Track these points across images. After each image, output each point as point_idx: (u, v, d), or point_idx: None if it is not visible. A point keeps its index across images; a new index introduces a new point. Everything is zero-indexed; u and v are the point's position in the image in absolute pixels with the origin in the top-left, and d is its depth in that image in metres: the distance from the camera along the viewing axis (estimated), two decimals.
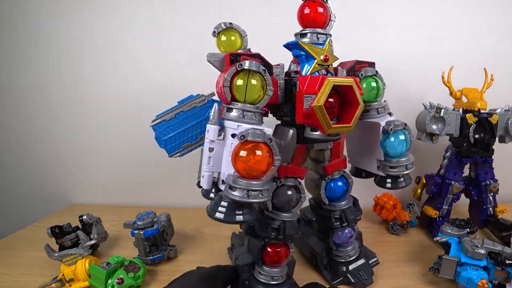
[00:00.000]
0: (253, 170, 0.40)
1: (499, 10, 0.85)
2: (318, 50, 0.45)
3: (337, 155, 0.55)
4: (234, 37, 0.55)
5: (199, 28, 0.87)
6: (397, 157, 0.51)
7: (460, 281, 0.51)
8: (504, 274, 0.51)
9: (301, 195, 0.52)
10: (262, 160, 0.40)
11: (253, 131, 0.40)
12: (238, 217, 0.42)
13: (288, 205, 0.51)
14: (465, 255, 0.52)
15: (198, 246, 0.73)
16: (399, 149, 0.50)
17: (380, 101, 0.53)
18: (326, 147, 0.53)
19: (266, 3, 0.85)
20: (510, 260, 0.50)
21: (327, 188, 0.56)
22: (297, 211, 0.52)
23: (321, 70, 0.45)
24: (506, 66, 0.87)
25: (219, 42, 0.55)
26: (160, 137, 0.56)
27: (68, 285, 0.57)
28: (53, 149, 1.00)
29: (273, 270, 0.53)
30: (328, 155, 0.54)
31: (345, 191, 0.57)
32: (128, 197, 1.00)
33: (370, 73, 0.51)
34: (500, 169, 0.74)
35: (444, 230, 0.58)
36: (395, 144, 0.50)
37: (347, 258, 0.59)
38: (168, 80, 0.91)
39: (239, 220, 0.42)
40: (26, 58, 0.93)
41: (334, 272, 0.59)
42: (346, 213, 0.56)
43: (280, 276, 0.53)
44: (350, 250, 0.59)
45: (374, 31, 0.86)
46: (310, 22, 0.47)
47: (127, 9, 0.88)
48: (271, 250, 0.52)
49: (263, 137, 0.40)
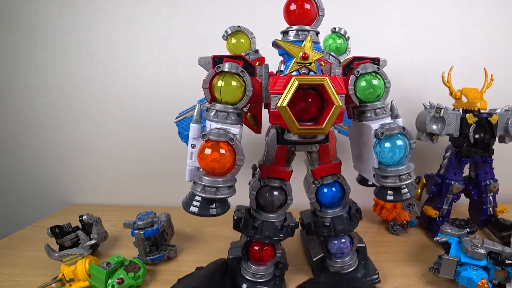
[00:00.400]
0: (211, 167, 0.41)
1: (499, 10, 0.85)
2: (296, 48, 0.43)
3: (326, 159, 0.51)
4: (243, 40, 0.57)
5: (200, 28, 0.87)
6: (393, 166, 0.45)
7: (460, 281, 0.51)
8: (504, 274, 0.51)
9: (286, 197, 0.51)
10: (220, 159, 0.41)
11: (216, 131, 0.42)
12: (211, 210, 0.43)
13: (270, 206, 0.51)
14: (465, 255, 0.52)
15: (198, 246, 0.73)
16: (391, 156, 0.44)
17: (380, 102, 0.47)
18: (311, 149, 0.50)
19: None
20: (510, 260, 0.50)
21: (318, 193, 0.53)
22: (283, 213, 0.52)
23: (301, 68, 0.43)
24: (506, 66, 0.87)
25: (229, 44, 0.58)
26: (182, 132, 0.60)
27: (68, 285, 0.57)
28: (53, 149, 1.00)
29: (259, 268, 0.53)
30: (316, 158, 0.51)
31: (336, 198, 0.53)
32: (128, 197, 1.00)
33: (370, 69, 0.45)
34: (500, 169, 0.74)
35: (444, 230, 0.58)
36: (386, 150, 0.44)
37: (341, 269, 0.55)
38: (169, 80, 0.91)
39: (212, 214, 0.43)
40: (26, 59, 0.93)
41: (326, 282, 0.56)
42: (334, 222, 0.52)
43: (263, 275, 0.53)
44: (345, 261, 0.55)
45: (374, 31, 0.86)
46: (297, 19, 0.46)
47: (127, 9, 0.88)
48: (255, 248, 0.52)
49: (224, 137, 0.41)
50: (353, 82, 0.46)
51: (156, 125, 0.94)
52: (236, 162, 0.42)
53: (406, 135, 0.45)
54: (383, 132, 0.44)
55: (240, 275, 0.55)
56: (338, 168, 0.53)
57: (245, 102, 0.44)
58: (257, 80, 0.46)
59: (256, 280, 0.53)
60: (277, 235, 0.51)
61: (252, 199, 0.51)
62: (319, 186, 0.53)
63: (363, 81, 0.46)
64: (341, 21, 0.83)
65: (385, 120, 0.46)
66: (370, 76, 0.46)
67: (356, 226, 0.54)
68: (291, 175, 0.52)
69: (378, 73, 0.46)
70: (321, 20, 0.48)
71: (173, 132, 0.93)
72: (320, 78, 0.41)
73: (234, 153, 0.42)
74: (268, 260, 0.53)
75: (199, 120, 0.45)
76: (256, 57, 0.56)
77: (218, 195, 0.42)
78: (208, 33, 0.87)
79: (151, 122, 0.94)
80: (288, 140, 0.48)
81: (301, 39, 0.45)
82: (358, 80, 0.46)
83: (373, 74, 0.46)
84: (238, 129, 0.44)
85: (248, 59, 0.46)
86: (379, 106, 0.46)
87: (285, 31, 0.47)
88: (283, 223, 0.52)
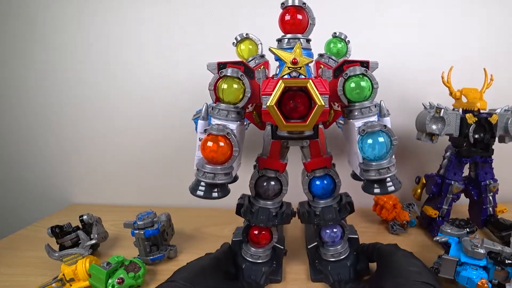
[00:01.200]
0: (211, 157, 0.48)
1: (499, 10, 0.85)
2: (287, 54, 0.48)
3: (316, 153, 0.56)
4: (251, 46, 0.64)
5: (201, 28, 0.87)
6: (375, 161, 0.48)
7: (460, 280, 0.51)
8: (504, 273, 0.51)
9: (282, 186, 0.58)
10: (217, 150, 0.48)
11: (216, 126, 0.48)
12: (214, 194, 0.50)
13: (266, 194, 0.58)
14: (465, 255, 0.52)
15: (198, 246, 0.73)
16: (371, 152, 0.48)
17: (368, 102, 0.50)
18: (302, 144, 0.55)
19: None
20: (509, 259, 0.50)
21: (310, 185, 0.58)
22: (279, 202, 0.59)
23: (291, 72, 0.48)
24: (506, 66, 0.87)
25: (239, 50, 0.65)
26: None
27: (68, 285, 0.57)
28: (53, 149, 1.00)
29: (257, 250, 0.60)
30: (308, 153, 0.56)
31: (328, 190, 0.58)
32: (128, 197, 1.00)
33: (358, 72, 0.48)
34: (500, 169, 0.74)
35: (444, 230, 0.58)
36: (367, 146, 0.48)
37: (331, 257, 0.59)
38: (169, 81, 0.91)
39: (215, 197, 0.50)
40: (25, 59, 0.93)
41: (319, 269, 0.60)
42: (324, 211, 0.57)
43: (260, 256, 0.59)
44: (337, 249, 0.59)
45: (374, 31, 0.86)
46: (290, 28, 0.52)
47: (127, 9, 0.88)
48: (254, 232, 0.59)
49: (222, 131, 0.48)
50: (342, 84, 0.49)
51: (156, 125, 0.94)
52: (232, 153, 0.49)
53: (387, 133, 0.48)
54: (364, 129, 0.47)
55: (241, 255, 0.61)
56: (329, 162, 0.58)
57: (244, 102, 0.50)
58: (256, 83, 0.52)
59: (255, 261, 0.59)
60: (271, 220, 0.57)
61: (251, 187, 0.59)
62: (312, 178, 0.58)
63: (352, 83, 0.49)
64: (341, 21, 0.84)
65: (370, 118, 0.49)
66: (358, 78, 0.48)
67: (345, 216, 0.59)
68: (285, 167, 0.58)
69: (366, 75, 0.49)
70: (312, 28, 0.53)
71: (173, 132, 0.94)
72: (303, 80, 0.46)
73: (231, 146, 0.48)
74: (264, 243, 0.59)
75: (206, 117, 0.52)
76: (262, 61, 0.61)
77: (216, 180, 0.49)
78: (208, 33, 0.87)
79: (151, 122, 0.94)
80: (281, 136, 0.53)
81: (293, 46, 0.49)
82: (347, 82, 0.49)
83: (361, 76, 0.49)
84: (236, 125, 0.50)
85: (248, 65, 0.52)
86: (366, 106, 0.49)
87: (279, 39, 0.53)
88: (279, 210, 0.58)
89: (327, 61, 0.60)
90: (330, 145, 0.63)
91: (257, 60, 0.61)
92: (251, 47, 0.64)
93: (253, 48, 0.64)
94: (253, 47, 0.64)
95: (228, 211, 0.66)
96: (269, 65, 0.62)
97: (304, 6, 0.51)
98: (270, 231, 0.59)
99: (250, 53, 0.63)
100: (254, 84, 0.51)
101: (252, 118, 0.61)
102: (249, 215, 0.58)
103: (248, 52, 0.64)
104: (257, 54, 0.63)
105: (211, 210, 0.90)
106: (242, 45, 0.64)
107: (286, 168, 0.58)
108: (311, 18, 0.52)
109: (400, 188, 0.50)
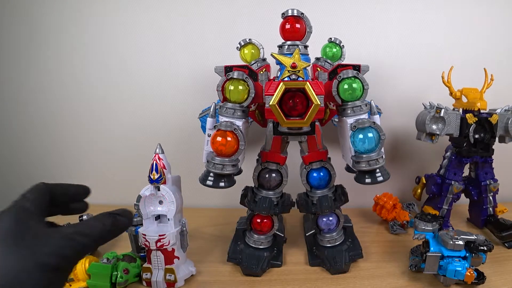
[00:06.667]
0: (219, 150, 0.54)
1: (500, 10, 0.85)
2: (287, 59, 0.53)
3: (313, 147, 0.61)
4: (254, 50, 0.69)
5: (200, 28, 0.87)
6: (365, 153, 0.53)
7: (448, 274, 0.52)
8: (479, 259, 0.54)
9: (282, 178, 0.63)
10: (226, 144, 0.54)
11: (224, 123, 0.54)
12: (221, 183, 0.56)
13: (268, 184, 0.63)
14: (446, 248, 0.54)
15: (198, 246, 0.73)
16: (361, 145, 0.53)
17: (360, 101, 0.55)
18: (300, 139, 0.60)
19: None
20: (482, 246, 0.53)
21: (308, 176, 0.63)
22: (280, 192, 0.64)
23: (291, 75, 0.53)
24: (506, 66, 0.87)
25: (242, 54, 0.70)
26: (204, 127, 0.66)
27: (68, 285, 0.57)
28: (52, 149, 1.00)
29: (260, 237, 0.64)
30: (306, 147, 0.61)
31: (324, 181, 0.62)
32: (128, 197, 0.99)
33: (350, 74, 0.54)
34: (500, 169, 0.74)
35: (420, 227, 0.57)
36: (357, 140, 0.53)
37: (327, 243, 0.64)
38: (169, 81, 0.91)
39: (222, 186, 0.56)
40: (25, 59, 0.93)
41: (316, 254, 0.65)
42: (320, 200, 0.62)
43: (262, 242, 0.64)
44: (333, 236, 0.64)
45: (374, 32, 0.86)
46: (290, 35, 0.57)
47: (127, 9, 0.88)
48: (257, 220, 0.63)
49: (230, 127, 0.53)
50: (335, 85, 0.54)
51: (156, 126, 0.94)
52: (239, 146, 0.54)
53: (376, 129, 0.53)
54: (355, 126, 0.53)
55: (245, 242, 0.66)
56: (325, 155, 0.63)
57: (249, 102, 0.56)
58: (259, 84, 0.57)
59: (257, 247, 0.64)
60: (273, 209, 0.61)
61: (254, 179, 0.64)
62: (309, 170, 0.63)
63: (345, 84, 0.54)
64: (341, 21, 0.84)
65: (361, 116, 0.54)
66: (351, 80, 0.54)
67: (340, 205, 0.63)
68: (285, 160, 0.63)
69: (357, 78, 0.54)
70: (309, 36, 0.58)
71: (173, 132, 0.94)
72: (302, 82, 0.51)
73: (237, 140, 0.54)
74: (266, 231, 0.63)
75: (214, 115, 0.59)
76: (264, 64, 0.66)
77: (224, 171, 0.54)
78: (208, 33, 0.87)
79: (151, 122, 0.94)
80: (281, 131, 0.58)
81: (292, 51, 0.55)
82: (340, 83, 0.54)
83: (353, 78, 0.54)
84: (242, 122, 0.55)
85: (252, 68, 0.57)
86: (357, 105, 0.55)
87: (280, 45, 0.58)
88: (280, 200, 0.63)
89: (323, 64, 0.66)
90: (326, 141, 0.68)
91: (259, 63, 0.66)
92: (253, 51, 0.69)
93: (256, 52, 0.69)
94: (256, 51, 0.69)
95: (228, 210, 0.66)
96: (270, 68, 0.66)
97: (302, 16, 0.56)
98: (272, 219, 0.63)
99: (253, 57, 0.68)
100: (257, 85, 0.56)
101: (255, 116, 0.65)
102: (252, 204, 0.62)
103: (251, 55, 0.69)
104: (259, 57, 0.67)
105: (211, 210, 0.90)
106: (246, 49, 0.69)
107: (286, 163, 0.63)
108: (308, 26, 0.57)
109: (389, 178, 0.54)
